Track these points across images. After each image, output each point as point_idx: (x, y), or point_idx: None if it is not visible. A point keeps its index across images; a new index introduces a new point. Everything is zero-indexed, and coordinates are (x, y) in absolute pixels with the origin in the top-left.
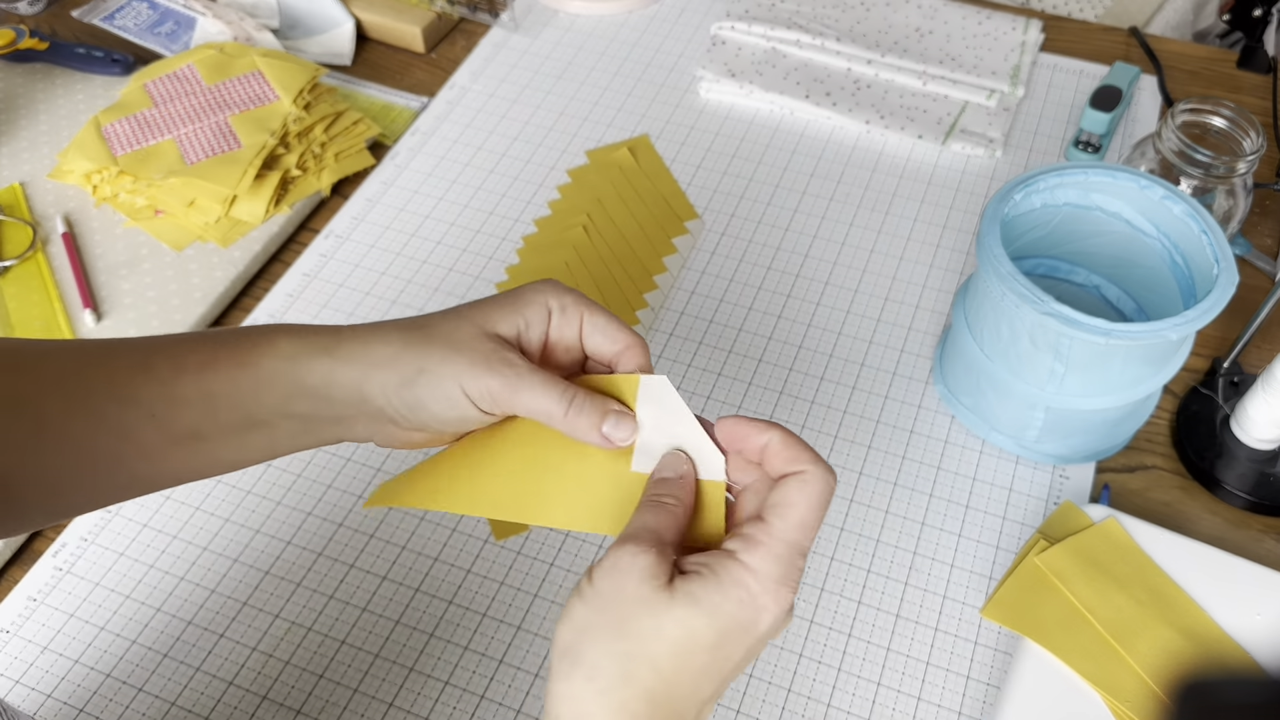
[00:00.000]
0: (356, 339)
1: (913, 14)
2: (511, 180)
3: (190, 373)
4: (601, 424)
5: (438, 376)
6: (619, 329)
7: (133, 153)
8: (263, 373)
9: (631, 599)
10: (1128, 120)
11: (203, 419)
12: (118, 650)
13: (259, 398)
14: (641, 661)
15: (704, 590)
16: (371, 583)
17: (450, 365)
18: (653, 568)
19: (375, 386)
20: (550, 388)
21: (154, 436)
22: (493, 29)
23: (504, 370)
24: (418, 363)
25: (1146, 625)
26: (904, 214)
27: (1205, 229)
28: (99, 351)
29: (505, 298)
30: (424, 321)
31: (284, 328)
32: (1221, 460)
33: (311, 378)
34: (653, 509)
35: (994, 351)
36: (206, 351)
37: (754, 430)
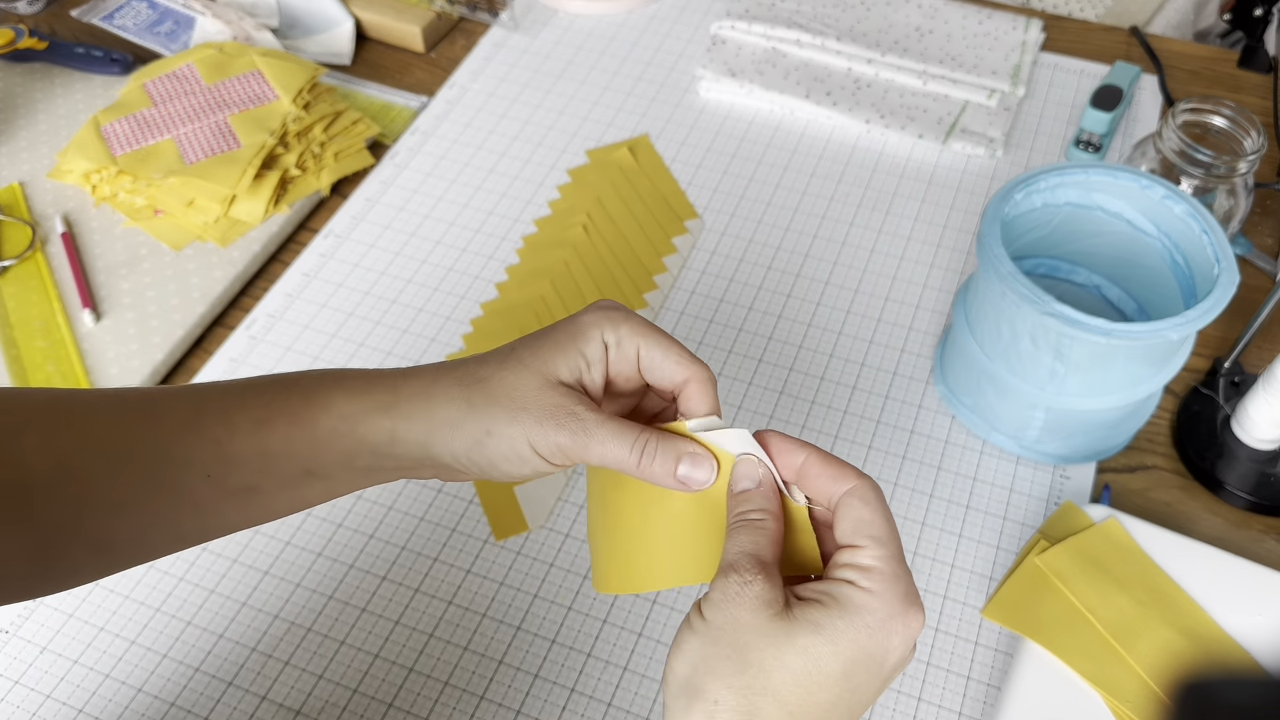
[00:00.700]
0: (416, 398)
1: (913, 13)
2: (511, 180)
3: (244, 433)
4: (676, 469)
5: (506, 439)
6: (678, 359)
7: (132, 152)
8: (320, 432)
9: (748, 628)
10: (1128, 120)
11: (259, 476)
12: (117, 650)
13: (317, 455)
14: (765, 695)
15: (826, 617)
16: (371, 583)
17: (518, 426)
18: (765, 594)
19: (441, 447)
20: (621, 438)
21: (209, 494)
22: (492, 28)
23: (571, 425)
24: (484, 424)
25: (1147, 625)
26: (904, 214)
27: (1206, 229)
28: (140, 406)
29: (562, 334)
30: (484, 373)
31: (337, 378)
32: (1222, 460)
33: (372, 436)
34: (744, 530)
35: (994, 351)
36: (259, 409)
37: (787, 448)
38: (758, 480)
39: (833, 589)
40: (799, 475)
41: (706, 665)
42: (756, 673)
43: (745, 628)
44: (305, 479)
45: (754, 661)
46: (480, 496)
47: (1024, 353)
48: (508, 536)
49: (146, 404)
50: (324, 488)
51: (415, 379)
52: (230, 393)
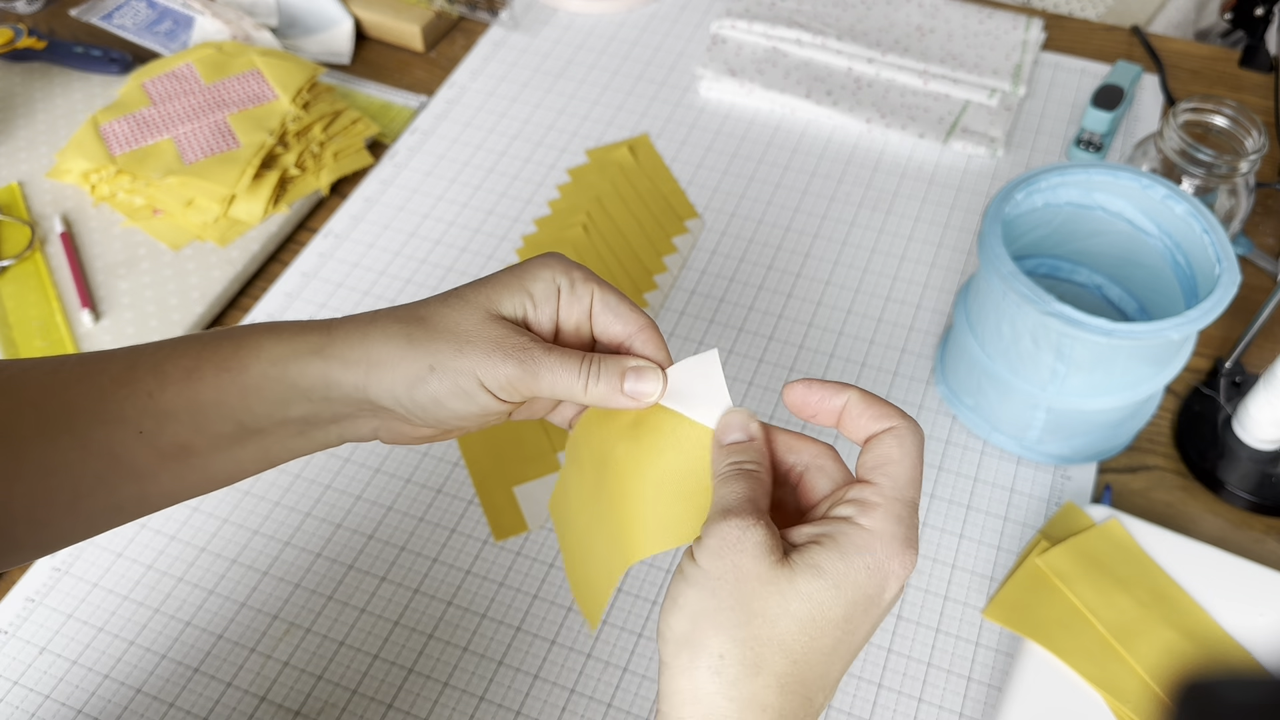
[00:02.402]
0: (352, 336)
1: (914, 12)
2: (511, 179)
3: (175, 383)
4: (623, 384)
5: (451, 372)
6: (630, 309)
7: (131, 152)
8: (250, 378)
9: (751, 577)
10: (1130, 119)
11: (191, 432)
12: (116, 651)
13: (249, 405)
14: (770, 645)
15: (828, 560)
16: (370, 583)
17: (463, 359)
18: (766, 540)
19: (381, 388)
20: (567, 363)
21: (143, 454)
22: (492, 27)
23: (519, 355)
24: (426, 359)
25: (1148, 626)
26: (905, 213)
27: (1207, 228)
28: (78, 368)
29: (509, 275)
30: (423, 311)
31: (269, 327)
32: (1223, 461)
33: (305, 380)
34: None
35: (995, 351)
36: (190, 359)
37: (829, 393)
38: (750, 434)
39: (831, 529)
40: (842, 418)
41: (708, 618)
42: (761, 622)
43: (747, 576)
44: (239, 435)
45: (758, 611)
46: (480, 497)
47: (1025, 353)
48: (507, 537)
49: (83, 365)
50: (259, 447)
51: (350, 321)
52: (164, 346)
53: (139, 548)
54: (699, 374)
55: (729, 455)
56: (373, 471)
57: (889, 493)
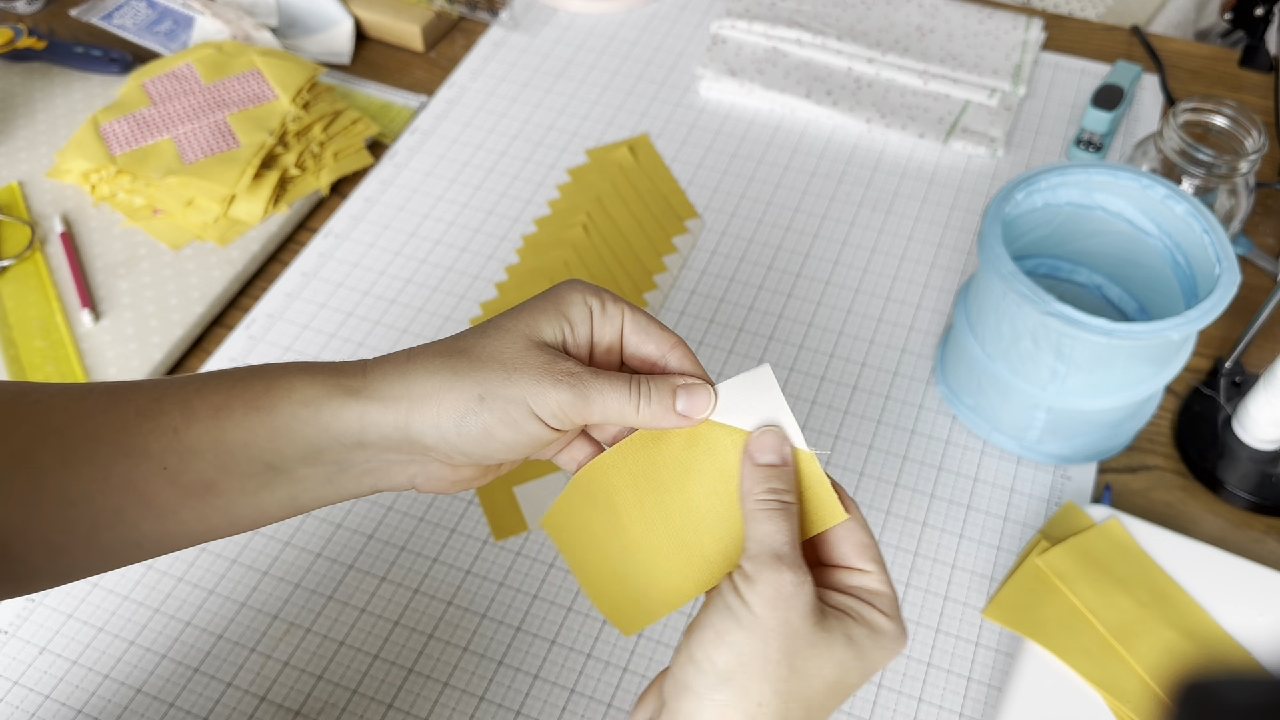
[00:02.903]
0: (390, 374)
1: (914, 12)
2: (511, 179)
3: (201, 420)
4: (675, 403)
5: (502, 400)
6: (660, 329)
7: (131, 152)
8: (280, 419)
9: (799, 634)
10: (1129, 119)
11: (217, 471)
12: (116, 651)
13: (277, 447)
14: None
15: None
16: (370, 583)
17: (513, 386)
18: (813, 599)
19: (425, 424)
20: (617, 386)
21: (165, 491)
22: (492, 27)
23: (569, 381)
24: (474, 389)
25: (1148, 626)
26: (905, 213)
27: (1207, 228)
28: (104, 397)
29: (543, 301)
30: (463, 344)
31: (302, 367)
32: (1224, 461)
33: (338, 424)
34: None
35: (995, 351)
36: (220, 395)
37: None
38: (784, 457)
39: (859, 608)
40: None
41: (756, 666)
42: (800, 680)
43: (797, 633)
44: (266, 475)
45: (799, 669)
46: (480, 497)
47: (1025, 353)
48: (507, 537)
49: (110, 394)
50: (286, 494)
51: (387, 361)
52: (193, 381)
53: None
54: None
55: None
56: None
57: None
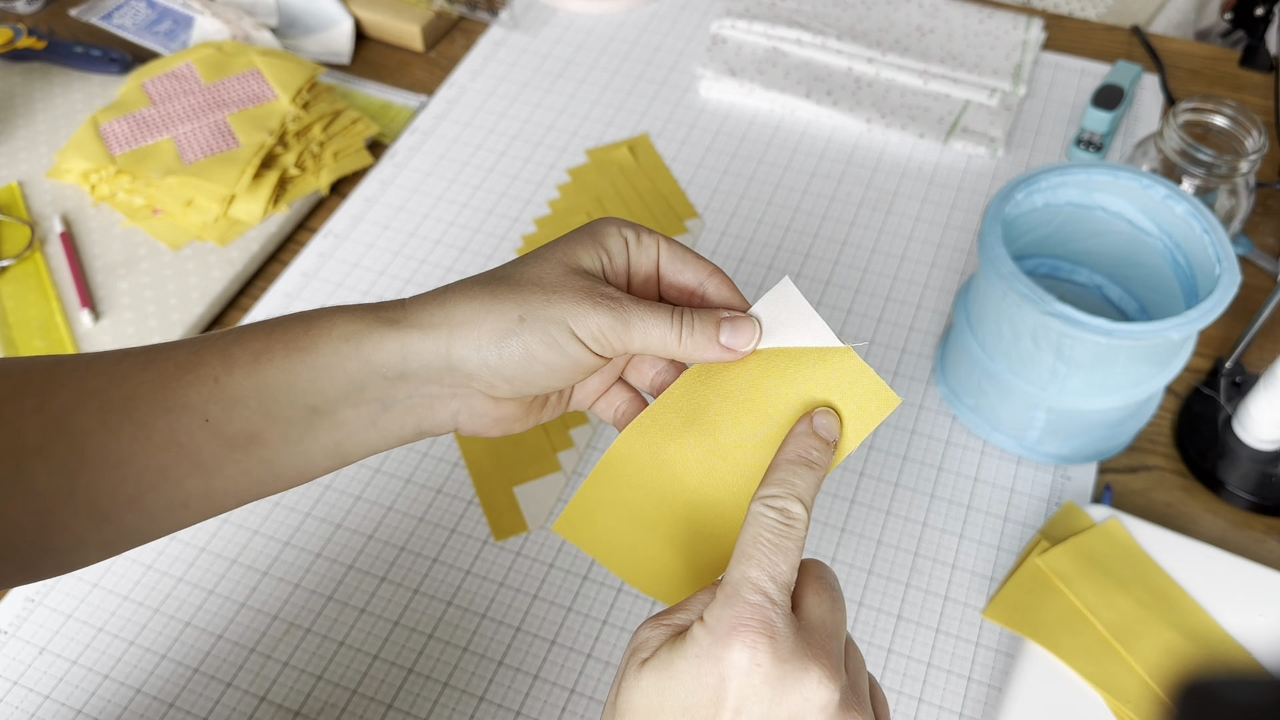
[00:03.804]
0: (430, 304)
1: (914, 12)
2: (511, 179)
3: (242, 367)
4: (719, 335)
5: (543, 320)
6: (697, 257)
7: (131, 152)
8: (321, 357)
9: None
10: (1130, 119)
11: (260, 418)
12: (116, 651)
13: (320, 386)
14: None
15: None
16: (370, 584)
17: (553, 307)
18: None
19: (467, 348)
20: (659, 314)
21: (209, 444)
22: (492, 27)
23: (609, 304)
24: (515, 310)
25: (1148, 626)
26: (905, 213)
27: (1207, 228)
28: (141, 357)
29: (580, 233)
30: (501, 273)
31: (341, 307)
32: (1224, 461)
33: (380, 355)
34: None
35: (995, 351)
36: (259, 341)
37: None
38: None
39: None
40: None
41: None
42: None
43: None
44: (309, 420)
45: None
46: (480, 497)
47: (1025, 353)
48: (507, 537)
49: (147, 354)
50: (331, 439)
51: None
52: (232, 331)
53: (139, 548)
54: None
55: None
56: (373, 471)
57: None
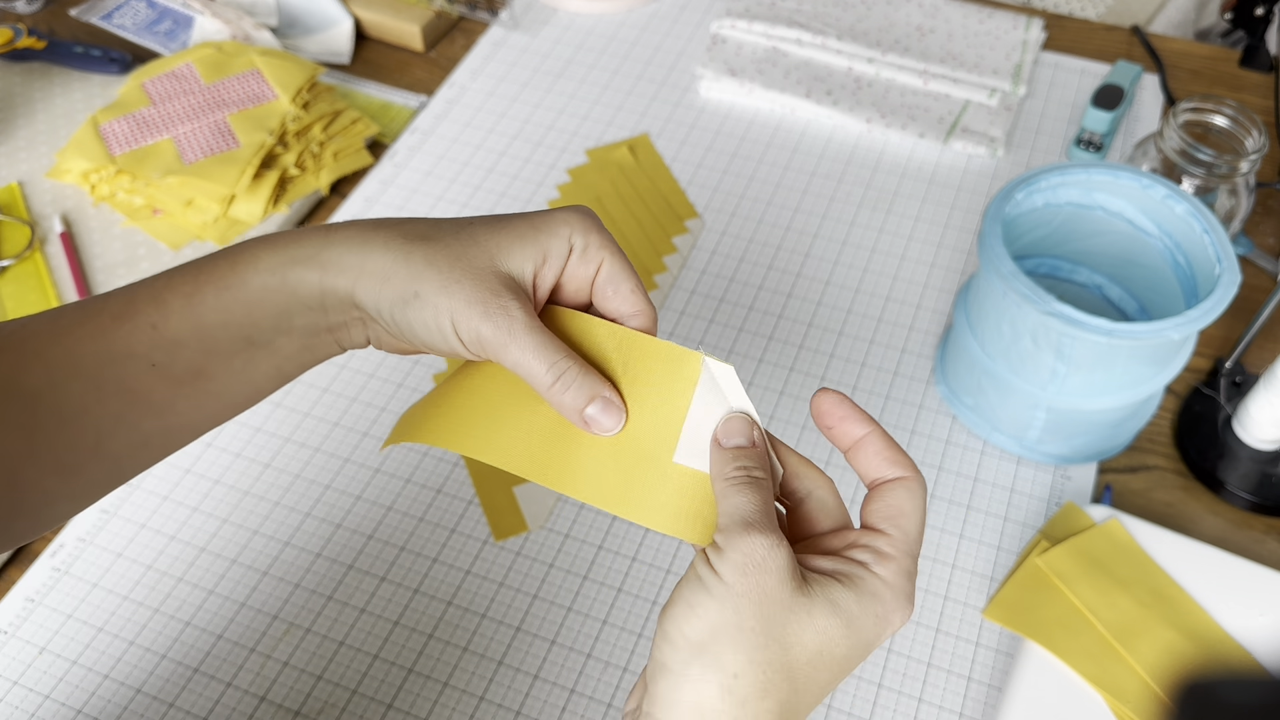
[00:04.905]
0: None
1: (914, 12)
2: (511, 179)
3: (177, 312)
4: (586, 406)
5: (431, 307)
6: (633, 290)
7: (131, 152)
8: (251, 292)
9: (774, 600)
10: (1130, 119)
11: (202, 356)
12: (116, 651)
13: (253, 319)
14: (781, 671)
15: (846, 600)
16: (370, 583)
17: (445, 298)
18: (790, 564)
19: (367, 295)
20: (542, 354)
21: (158, 386)
22: (492, 27)
23: (500, 319)
24: (413, 285)
25: (1148, 626)
26: (905, 213)
27: (1207, 228)
28: (76, 312)
29: (527, 225)
30: (431, 233)
31: (265, 240)
32: (1224, 461)
33: (302, 288)
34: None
35: (995, 351)
36: (189, 284)
37: (855, 418)
38: (752, 440)
39: (850, 569)
40: (856, 447)
41: (728, 635)
42: (778, 648)
43: (771, 599)
44: (249, 352)
45: (776, 636)
46: (480, 497)
47: (1025, 353)
48: (507, 537)
49: (81, 309)
50: (270, 364)
51: (353, 226)
52: (161, 276)
53: (139, 548)
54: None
55: (738, 459)
56: (373, 471)
57: (902, 546)
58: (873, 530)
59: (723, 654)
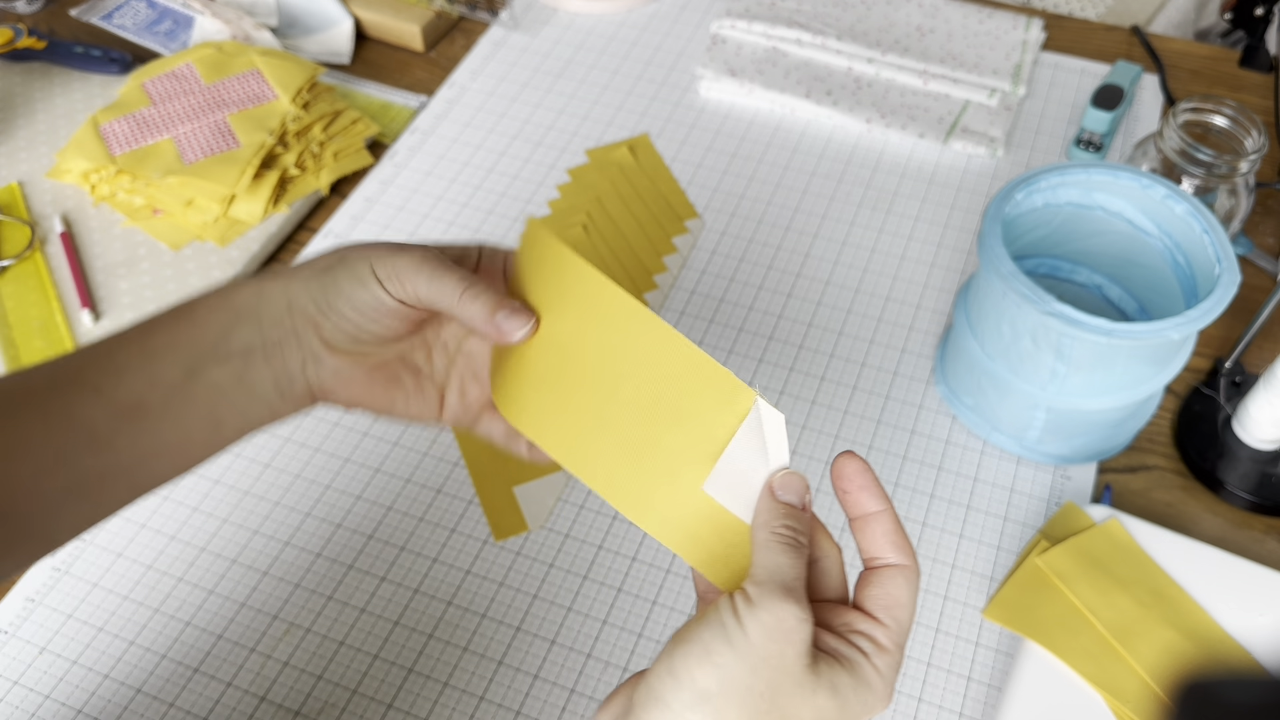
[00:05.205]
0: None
1: (914, 12)
2: (511, 179)
3: (133, 340)
4: (495, 313)
5: (353, 260)
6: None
7: (131, 152)
8: (198, 313)
9: (788, 671)
10: (1129, 119)
11: (144, 384)
12: (116, 651)
13: (194, 340)
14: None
15: (845, 686)
16: (370, 583)
17: (367, 251)
18: (809, 640)
19: (297, 283)
20: (451, 272)
21: (100, 415)
22: (492, 27)
23: (413, 252)
24: (336, 255)
25: (1148, 626)
26: (905, 213)
27: (1207, 228)
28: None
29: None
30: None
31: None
32: (1223, 460)
33: (240, 299)
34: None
35: (995, 351)
36: (151, 319)
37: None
38: (804, 504)
39: (853, 656)
40: (865, 521)
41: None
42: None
43: (786, 670)
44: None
45: (781, 706)
46: (480, 497)
47: (1025, 353)
48: (507, 537)
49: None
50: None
51: None
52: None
53: (139, 548)
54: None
55: (787, 518)
56: (373, 471)
57: (896, 639)
58: (871, 618)
59: (726, 710)
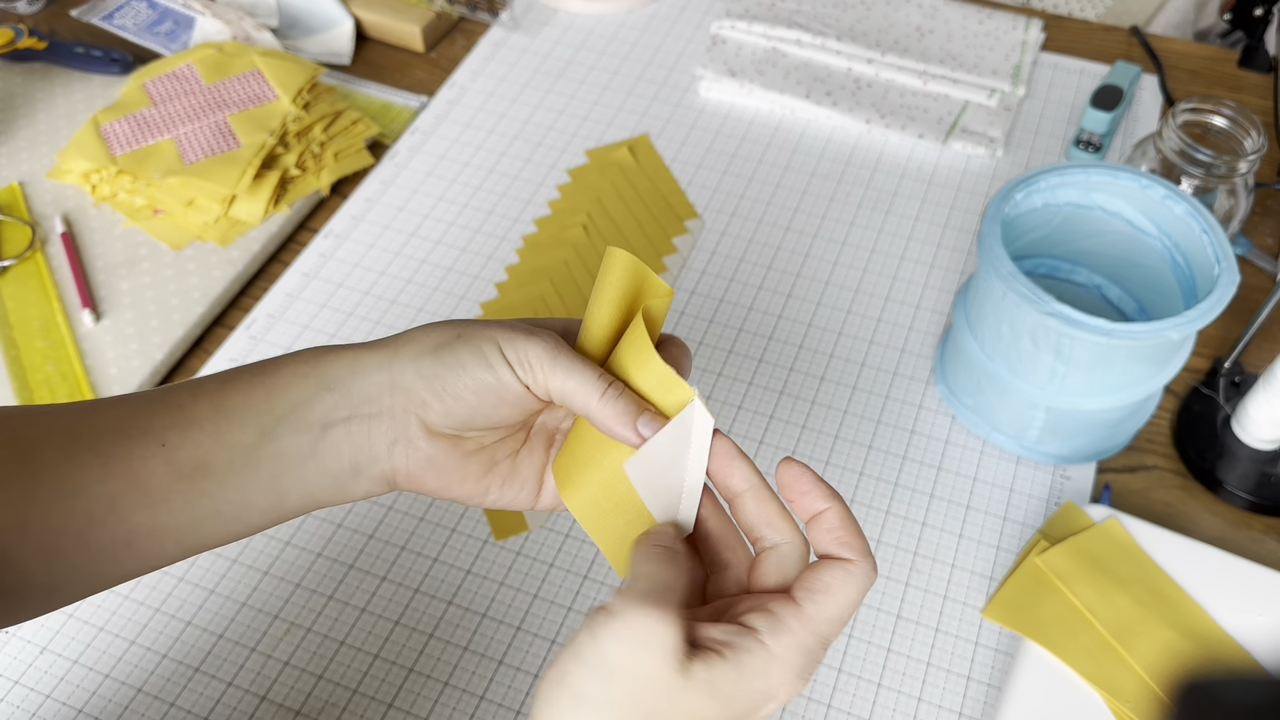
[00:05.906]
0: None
1: (913, 13)
2: (511, 180)
3: (207, 394)
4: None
5: (478, 338)
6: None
7: (131, 152)
8: (280, 378)
9: (645, 678)
10: (1129, 120)
11: (211, 443)
12: (116, 651)
13: (272, 404)
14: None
15: (723, 680)
16: (371, 583)
17: (491, 330)
18: (674, 643)
19: (406, 359)
20: (589, 369)
21: (160, 471)
22: (492, 28)
23: (545, 339)
24: (455, 330)
25: (1147, 626)
26: (905, 213)
27: (1206, 228)
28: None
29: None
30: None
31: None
32: (1223, 460)
33: (331, 372)
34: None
35: (995, 351)
36: (230, 372)
37: (816, 491)
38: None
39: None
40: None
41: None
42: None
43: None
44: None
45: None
46: None
47: (1024, 353)
48: (507, 537)
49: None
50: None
51: None
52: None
53: None
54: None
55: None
56: None
57: (808, 623)
58: (785, 598)
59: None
